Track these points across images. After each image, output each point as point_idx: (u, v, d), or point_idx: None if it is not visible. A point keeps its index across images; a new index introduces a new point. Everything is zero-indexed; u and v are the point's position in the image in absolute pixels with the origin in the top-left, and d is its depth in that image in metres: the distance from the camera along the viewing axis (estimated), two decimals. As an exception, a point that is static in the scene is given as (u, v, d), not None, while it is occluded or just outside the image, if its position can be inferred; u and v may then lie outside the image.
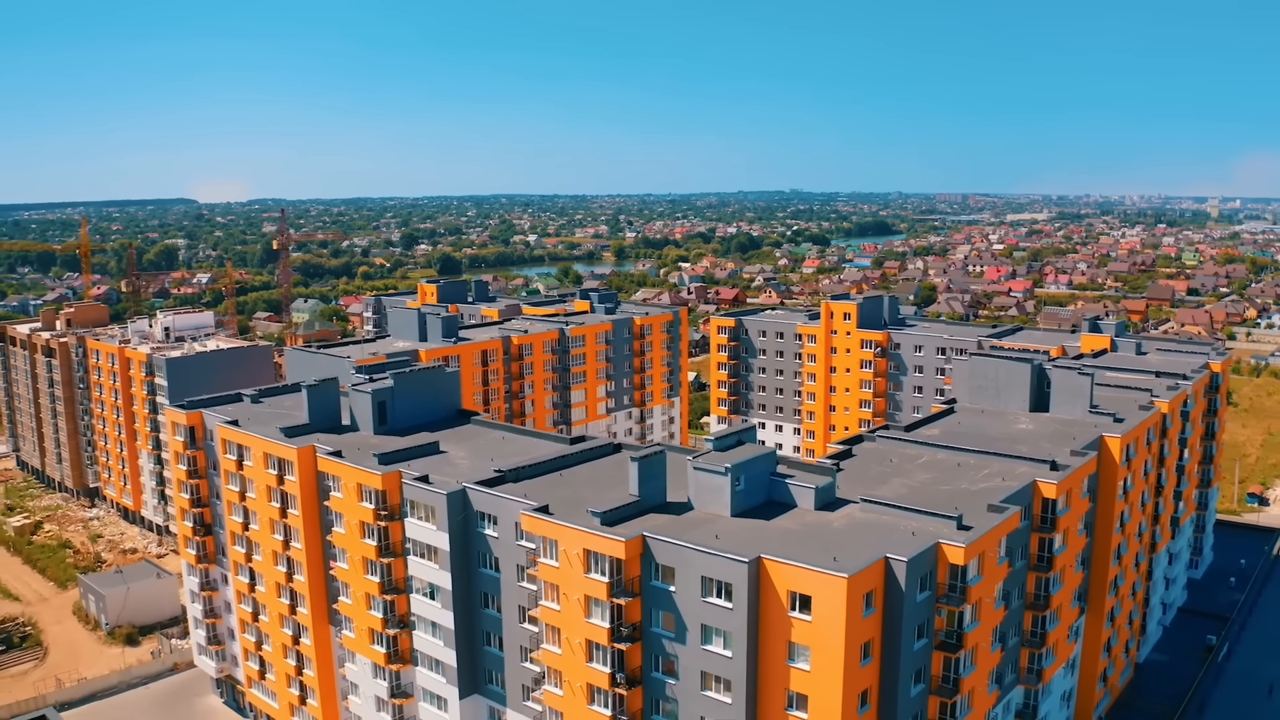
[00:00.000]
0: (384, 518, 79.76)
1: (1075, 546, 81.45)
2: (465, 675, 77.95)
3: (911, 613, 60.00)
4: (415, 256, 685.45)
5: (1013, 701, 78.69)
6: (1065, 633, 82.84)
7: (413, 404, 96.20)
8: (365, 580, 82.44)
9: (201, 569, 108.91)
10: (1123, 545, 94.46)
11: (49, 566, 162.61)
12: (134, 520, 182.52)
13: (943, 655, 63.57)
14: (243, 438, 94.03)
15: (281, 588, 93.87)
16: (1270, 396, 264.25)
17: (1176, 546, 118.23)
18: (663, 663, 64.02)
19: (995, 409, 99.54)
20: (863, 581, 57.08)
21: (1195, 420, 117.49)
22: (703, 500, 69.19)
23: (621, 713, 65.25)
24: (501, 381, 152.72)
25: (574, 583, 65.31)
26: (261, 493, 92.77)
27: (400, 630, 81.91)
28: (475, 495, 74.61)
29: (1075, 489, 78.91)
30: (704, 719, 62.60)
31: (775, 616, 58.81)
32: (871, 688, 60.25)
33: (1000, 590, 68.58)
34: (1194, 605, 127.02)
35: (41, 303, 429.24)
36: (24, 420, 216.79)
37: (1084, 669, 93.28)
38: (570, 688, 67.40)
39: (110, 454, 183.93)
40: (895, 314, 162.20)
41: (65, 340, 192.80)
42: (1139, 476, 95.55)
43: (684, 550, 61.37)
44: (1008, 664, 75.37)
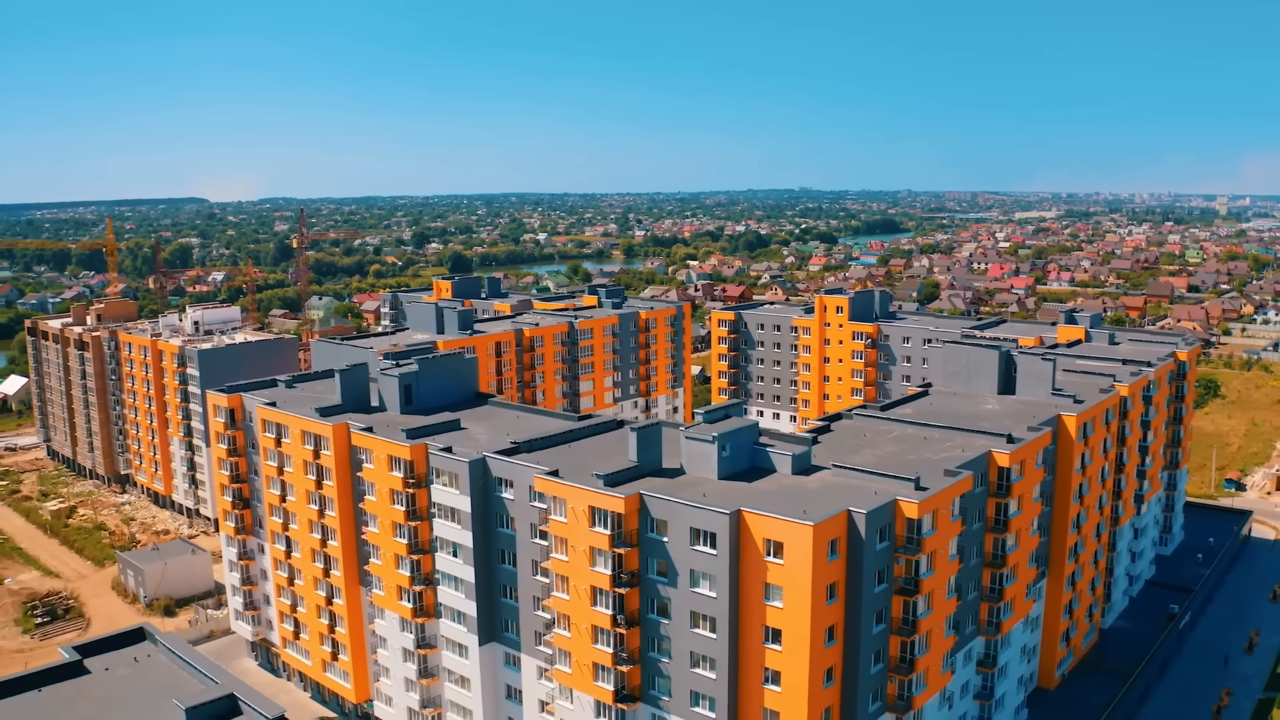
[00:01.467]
0: (411, 485, 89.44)
1: (1031, 512, 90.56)
2: (484, 625, 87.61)
3: (871, 559, 69.32)
4: (427, 255, 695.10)
5: (974, 650, 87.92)
6: (1023, 590, 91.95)
7: (435, 386, 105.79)
8: (394, 542, 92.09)
9: (240, 540, 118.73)
10: (1082, 515, 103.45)
11: (86, 547, 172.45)
12: (164, 504, 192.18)
13: (902, 599, 72.91)
14: (281, 417, 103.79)
15: (316, 553, 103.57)
16: (1258, 389, 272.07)
17: (1142, 522, 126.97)
18: (657, 605, 73.50)
19: (966, 392, 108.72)
20: (827, 530, 66.42)
21: (1160, 404, 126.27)
22: (693, 466, 78.61)
23: (622, 650, 74.78)
24: (514, 371, 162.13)
25: (580, 536, 74.86)
26: (298, 466, 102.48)
27: (425, 587, 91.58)
28: (494, 463, 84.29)
29: (1030, 460, 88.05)
30: (693, 653, 72.09)
31: (753, 561, 68.23)
32: (838, 624, 69.58)
33: (955, 545, 77.82)
34: (1162, 579, 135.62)
35: (60, 300, 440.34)
36: (55, 411, 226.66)
37: (1046, 627, 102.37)
38: (577, 630, 76.96)
39: (142, 441, 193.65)
40: (885, 308, 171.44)
41: (98, 334, 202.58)
42: (1097, 453, 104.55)
43: (675, 505, 70.90)
44: (967, 614, 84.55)
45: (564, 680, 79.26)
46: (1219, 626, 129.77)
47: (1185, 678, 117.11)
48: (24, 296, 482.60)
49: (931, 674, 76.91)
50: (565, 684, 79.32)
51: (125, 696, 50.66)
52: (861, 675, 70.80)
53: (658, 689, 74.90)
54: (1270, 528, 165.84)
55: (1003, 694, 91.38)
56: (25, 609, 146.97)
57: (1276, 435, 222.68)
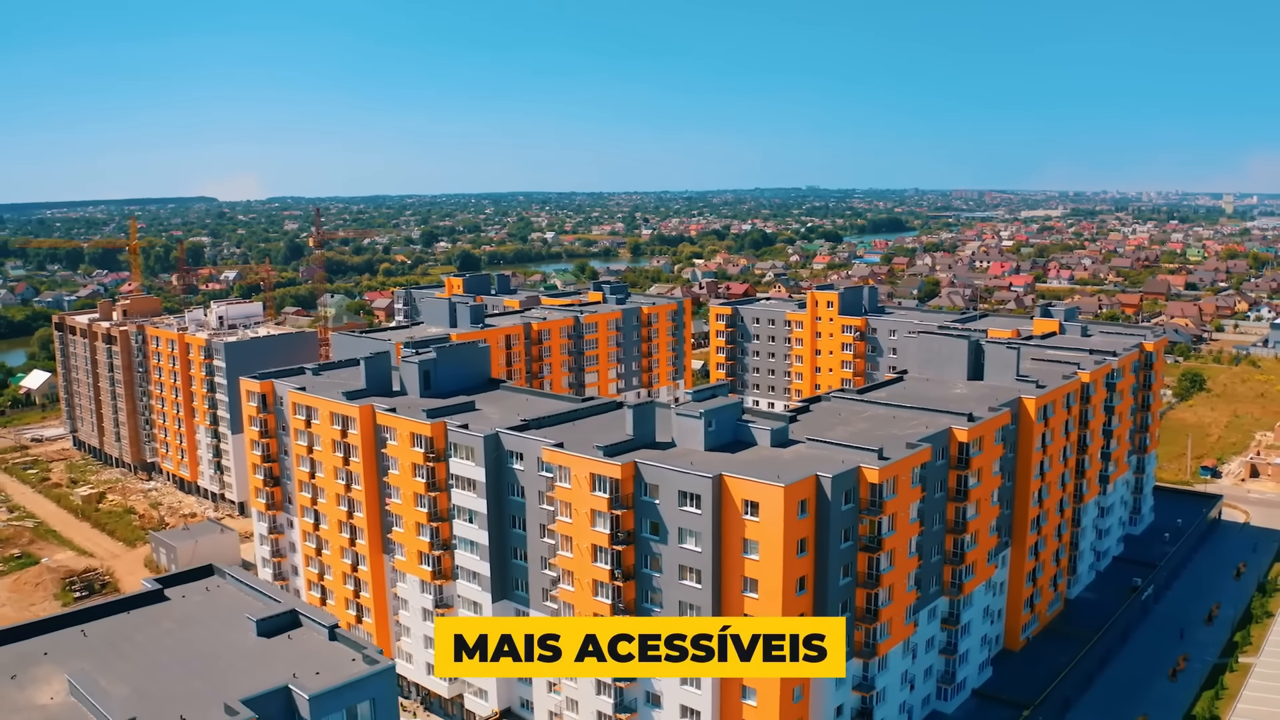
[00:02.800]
0: (431, 459, 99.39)
1: (990, 484, 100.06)
2: (497, 584, 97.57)
3: (837, 518, 78.99)
4: (435, 253, 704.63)
5: (939, 609, 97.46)
6: (984, 556, 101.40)
7: (451, 372, 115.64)
8: (415, 511, 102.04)
9: (270, 515, 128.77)
10: (1044, 491, 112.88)
11: (117, 529, 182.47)
12: (190, 490, 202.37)
13: (866, 555, 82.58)
14: (312, 400, 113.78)
15: (342, 524, 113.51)
16: (1244, 383, 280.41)
17: (1107, 501, 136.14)
18: (650, 560, 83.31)
19: (938, 378, 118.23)
20: (797, 491, 76.12)
21: (1124, 391, 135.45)
22: (683, 439, 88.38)
23: (619, 601, 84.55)
24: (523, 363, 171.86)
25: (582, 500, 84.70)
26: (327, 445, 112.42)
27: (444, 551, 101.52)
28: (506, 438, 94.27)
29: (988, 436, 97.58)
30: (681, 602, 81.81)
31: (732, 520, 77.97)
32: (808, 576, 79.23)
33: (915, 509, 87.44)
34: (1129, 556, 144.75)
35: (75, 299, 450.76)
36: (82, 403, 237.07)
37: (1011, 593, 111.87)
38: (580, 584, 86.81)
39: (168, 430, 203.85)
40: (874, 303, 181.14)
41: (125, 329, 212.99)
42: (1058, 433, 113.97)
43: (665, 471, 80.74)
44: (930, 574, 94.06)
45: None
46: (1182, 600, 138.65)
47: (1146, 645, 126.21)
48: (39, 294, 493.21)
49: (895, 624, 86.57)
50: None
51: (202, 615, 60.59)
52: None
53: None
54: (1241, 511, 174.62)
55: (966, 650, 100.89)
56: (63, 585, 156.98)
57: (1257, 426, 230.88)
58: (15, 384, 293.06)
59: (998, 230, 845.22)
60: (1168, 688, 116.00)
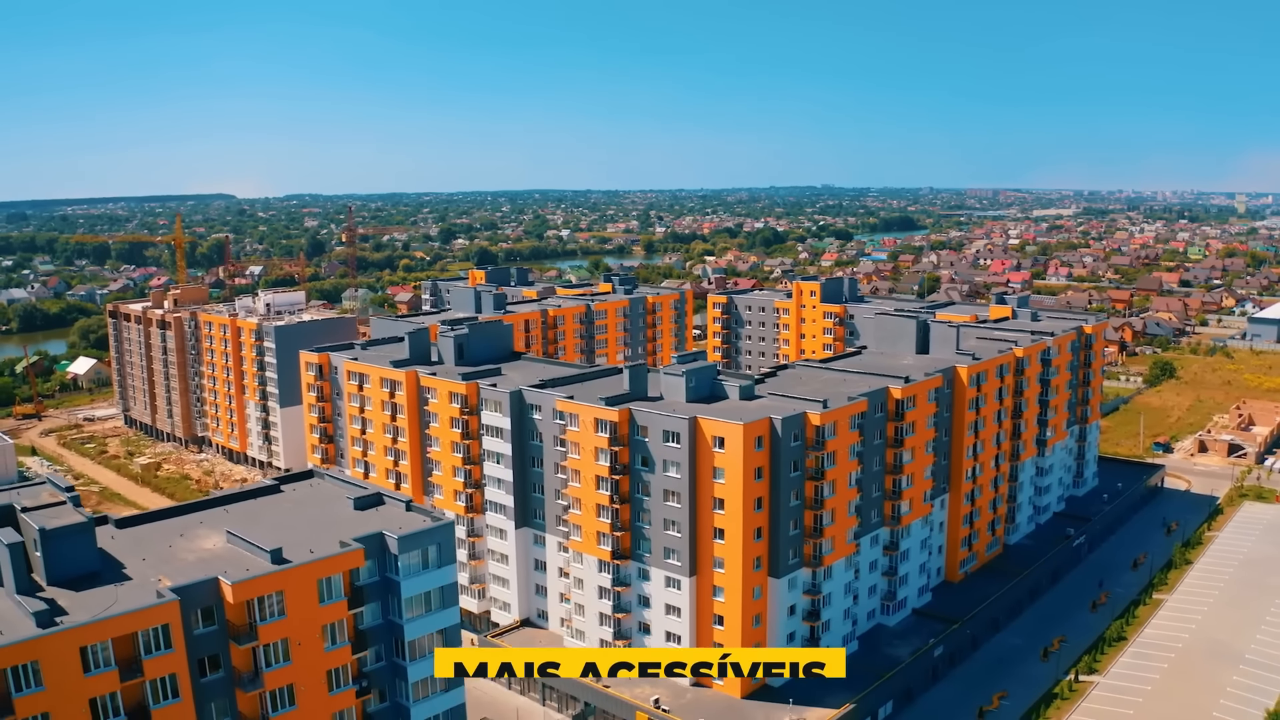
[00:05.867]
0: (466, 413, 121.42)
1: (924, 435, 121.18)
2: (519, 513, 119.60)
3: (787, 452, 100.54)
4: (453, 250, 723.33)
5: (880, 537, 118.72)
6: (920, 495, 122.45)
7: (480, 345, 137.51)
8: (452, 456, 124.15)
9: (325, 469, 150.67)
10: (978, 446, 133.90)
11: (176, 492, 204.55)
12: (239, 460, 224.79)
13: (812, 483, 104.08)
14: (364, 368, 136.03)
15: (389, 471, 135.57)
16: (1214, 373, 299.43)
17: (1045, 463, 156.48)
18: (641, 486, 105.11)
19: (891, 352, 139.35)
20: (754, 429, 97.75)
21: (1061, 367, 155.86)
22: (669, 393, 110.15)
23: (617, 521, 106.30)
24: (540, 346, 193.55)
25: (588, 439, 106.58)
26: (377, 405, 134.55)
27: (475, 490, 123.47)
28: (528, 393, 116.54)
29: (922, 395, 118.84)
30: (665, 519, 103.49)
31: (704, 452, 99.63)
32: (764, 497, 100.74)
33: (854, 450, 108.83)
34: (1070, 512, 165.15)
35: (106, 292, 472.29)
36: (134, 384, 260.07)
37: (950, 532, 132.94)
38: (586, 508, 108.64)
39: (219, 405, 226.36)
40: (854, 292, 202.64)
41: (179, 315, 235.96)
42: (991, 398, 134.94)
43: (653, 415, 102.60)
44: (871, 507, 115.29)
45: (576, 547, 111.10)
46: (1114, 551, 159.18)
47: (1074, 584, 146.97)
48: (71, 289, 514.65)
49: (838, 542, 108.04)
50: (577, 550, 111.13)
51: (311, 499, 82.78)
52: (782, 535, 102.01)
53: (641, 548, 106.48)
54: (1185, 481, 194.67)
55: (906, 573, 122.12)
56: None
57: (1217, 410, 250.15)
58: (61, 370, 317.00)
59: (1006, 229, 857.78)
60: (1088, 617, 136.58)
